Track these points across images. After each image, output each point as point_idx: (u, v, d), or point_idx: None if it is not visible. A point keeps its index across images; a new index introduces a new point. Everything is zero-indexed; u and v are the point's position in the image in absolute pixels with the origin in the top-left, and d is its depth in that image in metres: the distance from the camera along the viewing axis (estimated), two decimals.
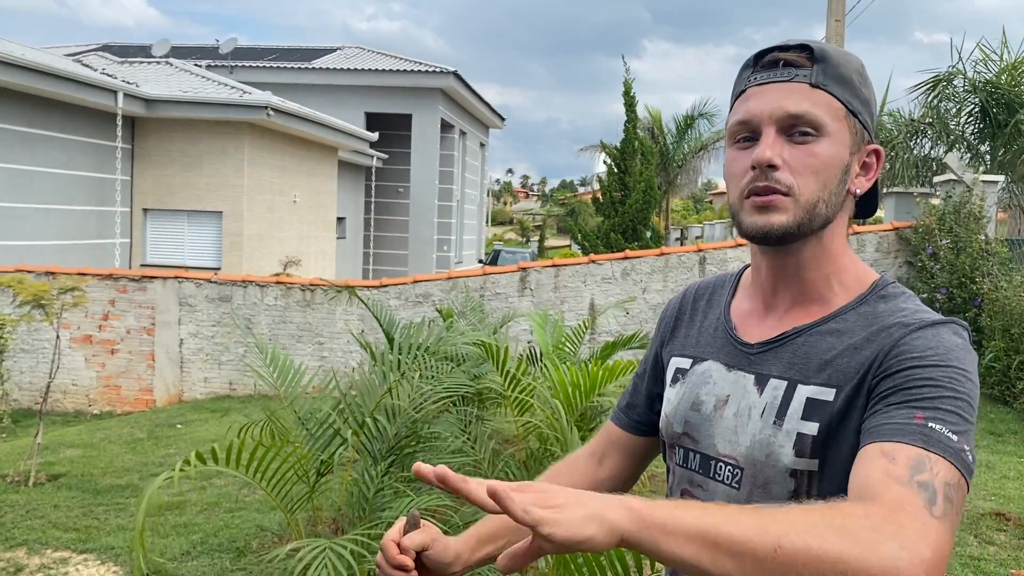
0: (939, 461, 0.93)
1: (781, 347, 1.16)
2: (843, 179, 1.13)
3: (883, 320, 1.10)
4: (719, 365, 1.22)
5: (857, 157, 1.15)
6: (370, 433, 3.45)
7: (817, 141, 1.10)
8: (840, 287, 1.16)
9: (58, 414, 9.73)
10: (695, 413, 1.22)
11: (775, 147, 1.10)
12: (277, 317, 10.14)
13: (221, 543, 4.83)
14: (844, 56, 1.15)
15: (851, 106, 1.13)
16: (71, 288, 6.57)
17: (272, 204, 15.42)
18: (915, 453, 0.93)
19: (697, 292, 1.38)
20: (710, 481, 1.19)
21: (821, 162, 1.10)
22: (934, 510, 0.88)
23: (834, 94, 1.12)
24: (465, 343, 4.65)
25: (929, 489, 0.89)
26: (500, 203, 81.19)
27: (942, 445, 0.94)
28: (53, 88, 11.87)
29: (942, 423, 0.96)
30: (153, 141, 14.46)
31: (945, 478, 0.91)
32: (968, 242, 9.07)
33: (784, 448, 1.09)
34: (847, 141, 1.12)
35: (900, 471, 0.91)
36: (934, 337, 1.05)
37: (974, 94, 12.01)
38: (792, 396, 1.11)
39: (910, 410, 0.98)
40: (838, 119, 1.12)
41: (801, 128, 1.10)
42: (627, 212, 17.19)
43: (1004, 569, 4.42)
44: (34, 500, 5.62)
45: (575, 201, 45.82)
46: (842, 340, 1.11)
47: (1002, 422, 7.70)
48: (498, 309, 9.90)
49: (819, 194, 1.10)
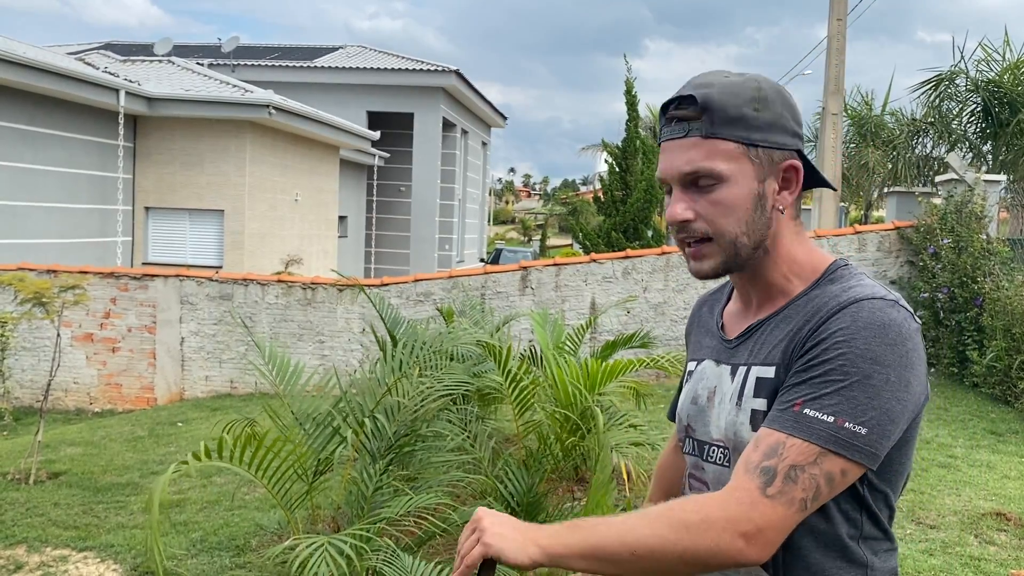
0: (796, 445, 1.09)
1: (748, 338, 1.30)
2: (760, 206, 1.23)
3: (823, 300, 1.20)
4: (711, 362, 1.38)
5: (772, 180, 1.24)
6: (369, 432, 3.45)
7: (719, 187, 1.22)
8: (797, 279, 1.28)
9: (59, 412, 9.74)
10: (694, 406, 1.37)
11: (683, 202, 1.24)
12: (278, 315, 10.14)
13: (221, 541, 4.83)
14: (732, 93, 1.23)
15: (748, 140, 1.22)
16: (72, 286, 6.57)
17: (274, 203, 15.43)
18: (775, 440, 1.11)
19: (701, 302, 1.56)
20: (705, 464, 1.33)
21: (726, 206, 1.22)
22: (768, 490, 1.08)
23: (727, 138, 1.21)
24: (467, 343, 4.65)
25: (769, 473, 1.09)
26: (502, 202, 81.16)
27: (809, 429, 1.09)
28: (55, 86, 11.88)
29: (818, 407, 1.10)
30: (155, 139, 14.46)
31: (794, 460, 1.09)
32: (969, 241, 9.05)
33: (744, 425, 1.23)
34: (752, 174, 1.22)
35: (755, 457, 1.11)
36: (849, 316, 1.14)
37: (976, 93, 12.00)
38: (747, 378, 1.25)
39: (796, 395, 1.13)
40: (736, 159, 1.22)
41: (699, 180, 1.22)
42: (628, 211, 17.18)
43: (1004, 569, 4.41)
44: (34, 498, 5.62)
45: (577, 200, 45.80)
46: (788, 323, 1.23)
47: (1003, 422, 7.68)
48: (499, 308, 9.90)
49: (736, 230, 1.23)
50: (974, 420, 7.69)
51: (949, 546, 4.70)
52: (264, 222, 15.05)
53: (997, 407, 8.20)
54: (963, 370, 9.03)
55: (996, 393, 8.41)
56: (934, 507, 5.31)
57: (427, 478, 3.51)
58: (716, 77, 1.26)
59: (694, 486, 1.37)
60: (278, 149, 15.49)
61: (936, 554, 4.58)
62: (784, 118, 1.24)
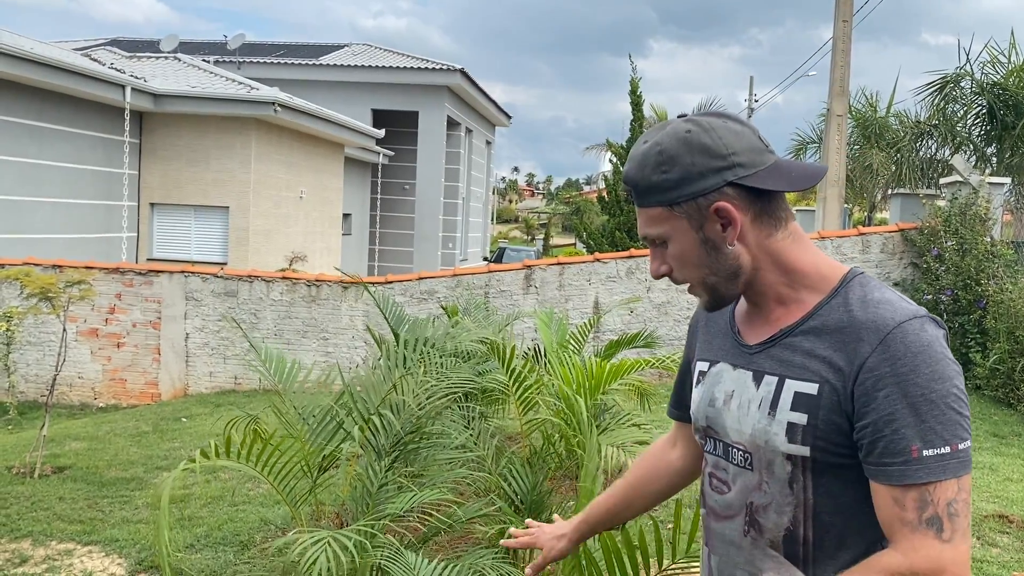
0: (937, 487, 1.16)
1: (773, 347, 1.34)
2: (711, 248, 1.31)
3: (855, 319, 1.25)
4: (728, 365, 1.42)
5: (710, 223, 1.30)
6: (375, 428, 3.46)
7: (668, 245, 1.34)
8: (805, 288, 1.33)
9: (64, 407, 9.78)
10: (711, 408, 1.42)
11: (656, 260, 1.37)
12: (283, 312, 10.17)
13: (225, 536, 4.85)
14: (640, 165, 1.32)
15: (667, 202, 1.30)
16: (78, 281, 6.60)
17: (278, 200, 15.46)
18: (918, 493, 1.17)
19: None
20: (729, 464, 1.39)
21: (679, 259, 1.34)
22: (943, 535, 1.16)
23: (652, 205, 1.32)
24: (471, 341, 4.66)
25: (935, 522, 1.16)
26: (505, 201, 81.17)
27: (939, 468, 1.16)
28: (61, 82, 11.91)
29: (933, 444, 1.16)
30: (160, 136, 14.49)
31: (947, 498, 1.16)
32: (973, 244, 9.06)
33: (778, 436, 1.28)
34: (686, 226, 1.31)
35: (910, 515, 1.17)
36: (900, 343, 1.20)
37: (981, 96, 11.98)
38: (782, 390, 1.29)
39: (905, 442, 1.17)
40: (666, 220, 1.32)
41: (655, 241, 1.36)
42: (632, 211, 17.18)
43: (1007, 571, 4.42)
44: (39, 492, 5.65)
45: (580, 200, 45.78)
46: (820, 340, 1.27)
47: (1006, 424, 7.68)
48: (503, 307, 9.92)
49: (699, 274, 1.34)
50: (977, 423, 7.70)
51: None
52: (269, 219, 15.08)
53: (1000, 410, 8.20)
54: (966, 372, 9.03)
55: (999, 396, 8.42)
56: None
57: (432, 475, 3.52)
58: (636, 149, 1.34)
59: (715, 485, 1.42)
60: (283, 146, 15.52)
61: None
62: (695, 166, 1.28)
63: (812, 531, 1.28)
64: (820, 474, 1.26)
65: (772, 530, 1.31)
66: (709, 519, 1.44)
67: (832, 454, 1.24)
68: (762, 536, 1.33)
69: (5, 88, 11.55)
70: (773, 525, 1.31)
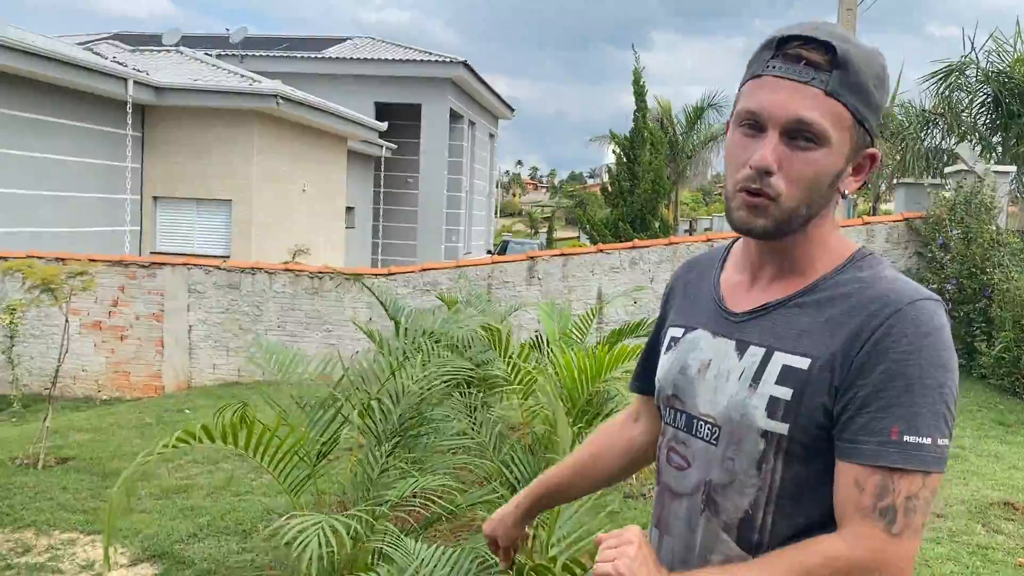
0: (903, 477, 1.08)
1: (763, 317, 1.23)
2: (833, 183, 1.18)
3: (862, 294, 1.16)
4: (706, 333, 1.30)
5: (853, 162, 1.19)
6: (374, 415, 3.45)
7: (816, 150, 1.14)
8: (820, 262, 1.22)
9: (67, 399, 9.78)
10: (682, 376, 1.31)
11: (775, 152, 1.14)
12: (286, 304, 10.16)
13: (228, 526, 4.85)
14: (867, 61, 1.15)
15: (859, 115, 1.15)
16: (80, 272, 6.59)
17: (281, 193, 15.44)
18: (883, 478, 1.08)
19: (689, 266, 1.48)
20: (691, 438, 1.28)
21: (814, 172, 1.15)
22: (893, 528, 1.08)
23: (846, 104, 1.14)
24: (468, 328, 4.65)
25: (889, 513, 1.08)
26: (509, 195, 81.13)
27: (913, 457, 1.08)
28: (64, 75, 11.90)
29: (916, 431, 1.08)
30: (163, 129, 14.49)
31: (908, 491, 1.08)
32: (979, 232, 9.01)
33: (758, 409, 1.18)
34: (846, 150, 1.16)
35: (866, 500, 1.09)
36: (910, 321, 1.11)
37: (987, 84, 11.91)
38: (768, 362, 1.19)
39: (888, 421, 1.09)
40: (843, 129, 1.14)
41: (805, 135, 1.14)
42: (636, 202, 17.15)
43: (1012, 558, 4.40)
44: (43, 482, 5.65)
45: (584, 193, 45.74)
46: (821, 312, 1.17)
47: (1011, 413, 7.66)
48: (506, 298, 9.90)
49: (803, 201, 1.16)
50: (982, 411, 7.67)
51: (956, 535, 4.69)
52: (271, 212, 15.07)
53: (1005, 398, 8.17)
54: (971, 361, 8.99)
55: (1004, 384, 8.38)
56: (942, 496, 5.29)
57: (433, 462, 3.51)
58: (849, 35, 1.17)
59: (673, 460, 1.31)
60: (286, 139, 15.50)
61: (943, 542, 4.57)
62: (882, 103, 1.19)
63: (771, 518, 1.18)
64: (793, 457, 1.16)
65: (729, 512, 1.21)
66: (664, 497, 1.33)
67: (811, 436, 1.14)
68: (717, 517, 1.22)
69: (8, 82, 11.55)
70: (732, 507, 1.21)
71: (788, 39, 1.15)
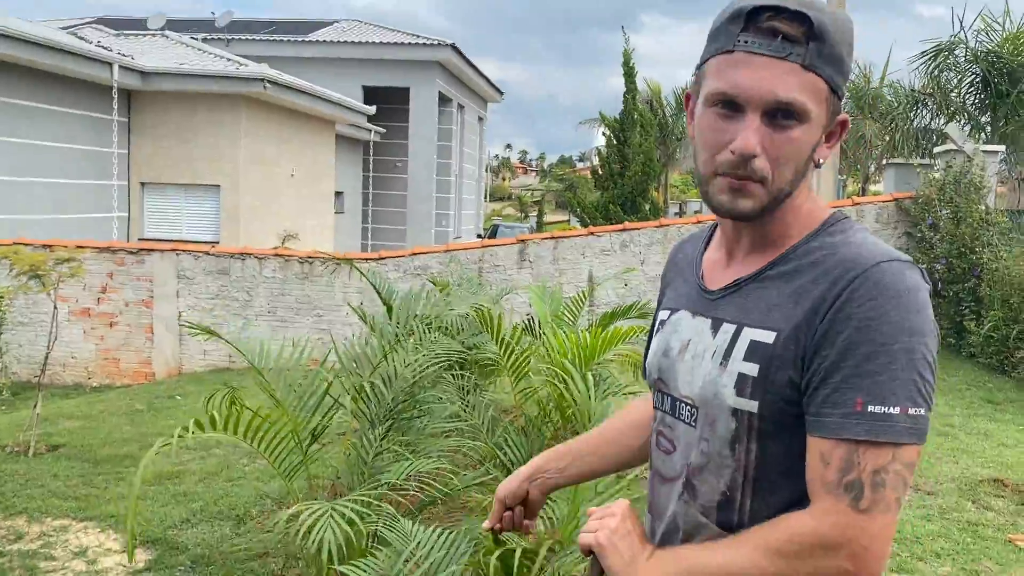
0: (869, 451, 1.02)
1: (735, 293, 1.20)
2: (811, 156, 1.14)
3: (828, 261, 1.10)
4: (688, 313, 1.28)
5: (826, 130, 1.15)
6: (367, 398, 3.44)
7: (798, 127, 1.10)
8: (795, 229, 1.18)
9: (57, 387, 9.74)
10: (665, 359, 1.28)
11: (757, 135, 1.09)
12: (276, 290, 10.12)
13: (221, 511, 4.84)
14: (840, 29, 1.11)
15: (834, 84, 1.11)
16: (68, 259, 6.54)
17: (269, 178, 15.35)
18: (847, 451, 1.03)
19: (679, 248, 1.45)
20: (676, 421, 1.25)
21: (796, 149, 1.11)
22: (859, 504, 1.02)
23: (823, 76, 1.10)
24: (460, 311, 4.64)
25: (855, 487, 1.03)
26: (499, 179, 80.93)
27: (878, 428, 1.02)
28: (48, 60, 11.77)
29: (881, 401, 1.02)
30: (149, 114, 14.36)
31: (876, 464, 1.02)
32: (968, 212, 9.04)
33: (727, 388, 1.14)
34: (823, 121, 1.13)
35: (831, 475, 1.04)
36: (873, 284, 1.05)
37: (975, 64, 11.92)
38: (738, 338, 1.15)
39: (851, 392, 1.03)
40: (820, 102, 1.11)
41: (784, 113, 1.09)
42: (626, 184, 17.13)
43: (1001, 534, 4.44)
44: (34, 470, 5.62)
45: (574, 176, 45.66)
46: (790, 283, 1.13)
47: (1000, 391, 7.71)
48: (497, 282, 9.88)
49: (791, 177, 1.12)
50: (971, 390, 7.72)
51: (947, 512, 4.72)
52: (260, 197, 14.98)
53: (994, 377, 8.23)
54: (960, 340, 9.04)
55: (993, 363, 8.44)
56: (932, 474, 5.33)
57: (426, 445, 3.50)
58: (827, 10, 1.10)
59: (662, 444, 1.29)
60: (273, 124, 15.39)
61: (934, 519, 4.60)
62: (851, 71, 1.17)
63: (750, 499, 1.15)
64: (765, 435, 1.12)
65: (706, 494, 1.18)
66: (655, 481, 1.31)
67: (782, 412, 1.10)
68: (695, 501, 1.20)
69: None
70: (708, 489, 1.18)
71: (758, 10, 1.09)
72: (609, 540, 1.19)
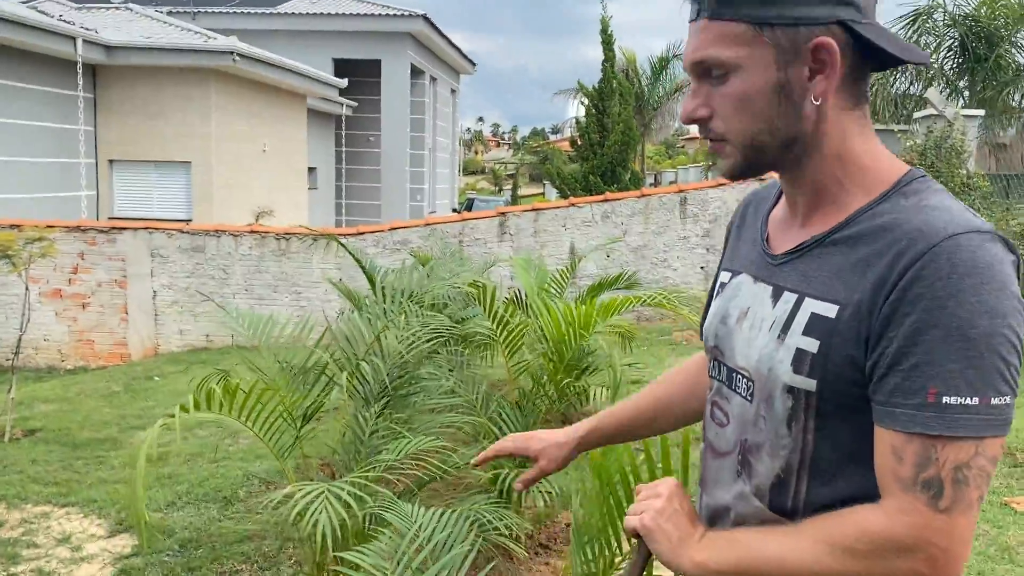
0: (948, 445, 0.93)
1: (799, 258, 1.10)
2: (783, 97, 1.04)
3: (896, 229, 0.99)
4: (749, 277, 1.19)
5: (798, 64, 1.03)
6: (361, 376, 3.33)
7: (730, 79, 1.06)
8: (856, 187, 1.07)
9: (30, 370, 9.52)
10: (723, 326, 1.21)
11: (697, 98, 1.09)
12: (252, 267, 9.94)
13: (207, 493, 4.73)
14: None
15: (758, 19, 1.02)
16: (38, 238, 6.34)
17: (241, 153, 15.07)
18: (921, 448, 0.94)
19: (748, 201, 1.34)
20: (732, 393, 1.18)
21: (737, 99, 1.06)
22: (939, 503, 0.94)
23: (733, 18, 1.04)
24: (454, 285, 4.53)
25: (934, 485, 0.94)
26: (472, 152, 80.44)
27: (957, 422, 0.93)
28: (8, 35, 11.38)
29: (958, 391, 0.93)
30: (116, 90, 14.00)
31: (957, 460, 0.93)
32: (950, 177, 9.05)
33: (783, 364, 1.06)
34: (770, 59, 1.03)
35: (906, 471, 0.95)
36: (946, 259, 0.94)
37: (954, 28, 11.91)
38: (798, 310, 1.06)
39: (924, 381, 0.94)
40: (745, 43, 1.03)
41: (712, 71, 1.07)
42: (606, 154, 17.01)
43: (998, 498, 4.44)
44: (10, 455, 5.47)
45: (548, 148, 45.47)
46: (855, 251, 1.03)
47: None
48: (477, 255, 9.77)
49: (751, 127, 1.06)
50: None
51: None
52: (232, 174, 14.70)
53: None
54: None
55: None
56: None
57: (421, 422, 3.41)
58: None
59: (716, 416, 1.21)
60: (244, 98, 15.08)
61: None
62: None
63: (806, 484, 1.06)
64: (825, 416, 1.03)
65: (762, 475, 1.10)
66: (707, 455, 1.24)
67: (843, 393, 1.01)
68: (750, 480, 1.12)
69: None
70: (765, 469, 1.10)
71: None
72: (655, 522, 1.14)
